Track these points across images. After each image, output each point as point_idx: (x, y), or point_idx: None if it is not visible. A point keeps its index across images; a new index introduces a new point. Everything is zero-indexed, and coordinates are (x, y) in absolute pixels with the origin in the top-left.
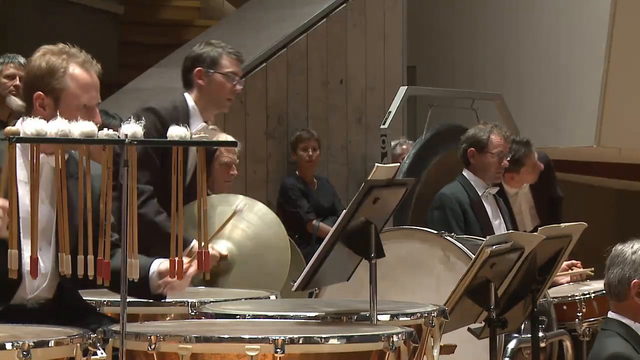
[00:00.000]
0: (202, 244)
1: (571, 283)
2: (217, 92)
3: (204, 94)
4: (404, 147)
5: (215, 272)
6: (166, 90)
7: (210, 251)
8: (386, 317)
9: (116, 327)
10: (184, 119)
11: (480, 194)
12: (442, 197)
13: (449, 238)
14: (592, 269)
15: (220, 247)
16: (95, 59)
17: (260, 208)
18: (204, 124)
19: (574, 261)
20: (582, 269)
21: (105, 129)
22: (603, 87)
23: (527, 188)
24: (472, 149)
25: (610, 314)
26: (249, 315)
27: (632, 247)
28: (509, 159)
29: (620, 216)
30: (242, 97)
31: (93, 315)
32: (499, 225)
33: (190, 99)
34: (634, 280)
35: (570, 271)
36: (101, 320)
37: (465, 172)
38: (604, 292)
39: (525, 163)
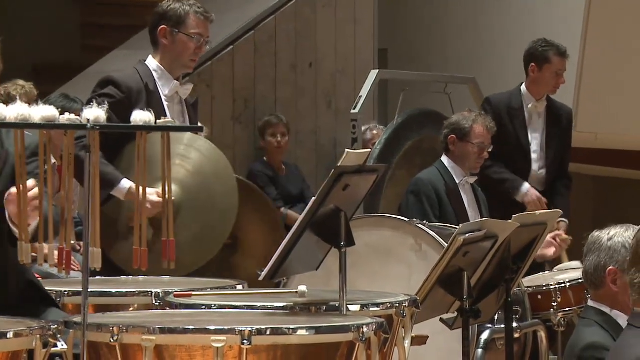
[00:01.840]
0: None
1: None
2: (180, 53)
3: (167, 53)
4: (375, 132)
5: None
6: None
7: (154, 198)
8: (356, 308)
9: (77, 318)
10: (149, 80)
11: (457, 182)
12: (418, 181)
13: (420, 226)
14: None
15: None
16: (55, 41)
17: (202, 144)
18: (175, 82)
19: (556, 232)
20: (566, 236)
21: (67, 114)
22: (579, 70)
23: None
24: (453, 135)
25: (590, 302)
26: (215, 305)
27: (608, 233)
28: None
29: (597, 203)
30: (208, 80)
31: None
32: (474, 216)
33: (152, 60)
34: (610, 267)
35: (553, 242)
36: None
37: (444, 158)
38: (580, 280)
39: (552, 61)
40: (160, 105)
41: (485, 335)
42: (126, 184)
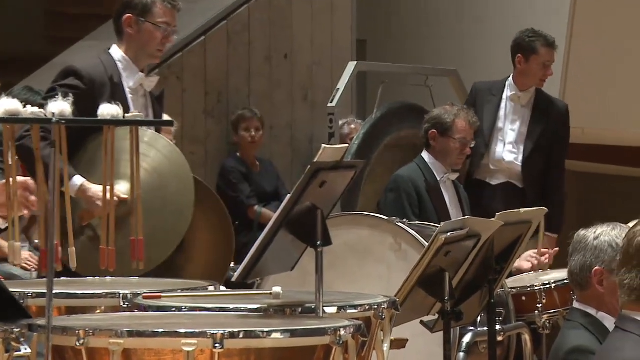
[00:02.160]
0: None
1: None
2: (146, 43)
3: (133, 43)
4: (353, 126)
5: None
6: None
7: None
8: (333, 310)
9: (42, 321)
10: (113, 72)
11: (438, 179)
12: (397, 178)
13: (400, 224)
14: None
15: (120, 189)
16: (19, 31)
17: (165, 145)
18: (141, 74)
19: (542, 250)
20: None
21: (30, 107)
22: (565, 63)
23: None
24: (434, 130)
25: (575, 304)
26: (185, 307)
27: (594, 232)
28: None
29: (583, 200)
30: (178, 72)
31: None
32: (456, 214)
33: (117, 50)
34: (595, 268)
35: (531, 260)
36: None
37: (424, 154)
38: (566, 281)
39: (539, 52)
40: (124, 98)
41: (467, 338)
42: (77, 180)
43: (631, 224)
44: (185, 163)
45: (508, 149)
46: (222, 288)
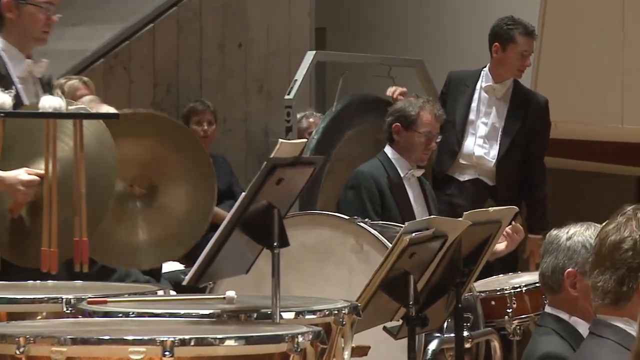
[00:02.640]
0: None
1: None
2: (29, 27)
3: (14, 28)
4: (311, 120)
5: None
6: None
7: (26, 177)
8: (290, 315)
9: None
10: None
11: (402, 175)
12: (358, 175)
13: (362, 224)
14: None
15: (40, 167)
16: None
17: (99, 127)
18: (28, 60)
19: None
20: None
21: None
22: (537, 55)
23: None
24: (397, 124)
25: (547, 308)
26: (133, 313)
27: (567, 232)
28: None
29: (555, 199)
30: (125, 62)
31: None
32: (421, 213)
33: None
34: (568, 270)
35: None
36: None
37: (387, 149)
38: (537, 285)
39: (517, 41)
40: (14, 90)
41: (433, 345)
42: None
43: None
44: (112, 144)
45: (479, 143)
46: (172, 292)
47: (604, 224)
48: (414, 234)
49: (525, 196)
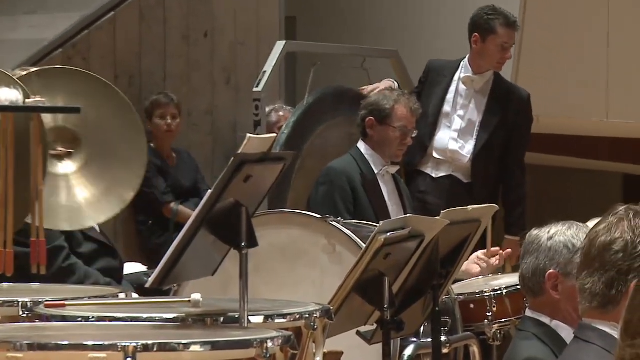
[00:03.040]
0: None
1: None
2: None
3: None
4: (281, 113)
5: None
6: None
7: None
8: (259, 319)
9: None
10: None
11: (376, 172)
12: (329, 171)
13: (334, 223)
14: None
15: None
16: None
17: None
18: None
19: (493, 250)
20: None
21: None
22: (518, 46)
23: None
24: (371, 118)
25: (527, 312)
26: (93, 317)
27: (548, 232)
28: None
29: (536, 196)
30: (85, 52)
31: None
32: (396, 211)
33: None
34: (549, 271)
35: (479, 262)
36: None
37: (360, 145)
38: (519, 287)
39: (497, 32)
40: None
41: (409, 351)
42: None
43: (590, 223)
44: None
45: (453, 137)
46: (135, 295)
47: (590, 224)
48: (389, 234)
49: (503, 195)
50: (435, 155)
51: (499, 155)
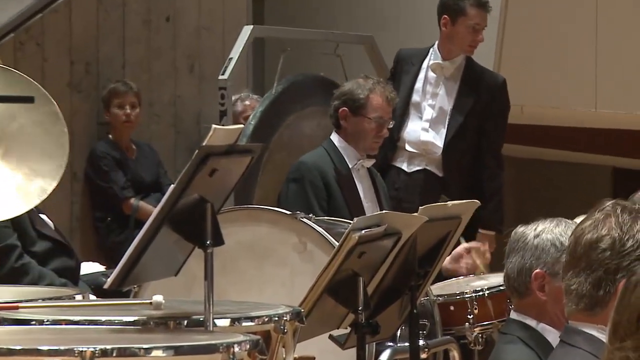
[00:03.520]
0: None
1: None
2: None
3: None
4: (247, 103)
5: None
6: None
7: None
8: (225, 322)
9: None
10: None
11: (350, 166)
12: (300, 166)
13: (306, 220)
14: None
15: None
16: None
17: None
18: None
19: (472, 244)
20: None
21: None
22: (500, 32)
23: None
24: (345, 108)
25: (512, 314)
26: (48, 320)
27: (535, 229)
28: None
29: (521, 192)
30: (38, 37)
31: None
32: (372, 208)
33: None
34: (536, 271)
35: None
36: None
37: (333, 137)
38: (501, 288)
39: (468, 13)
40: None
41: (385, 356)
42: None
43: (578, 220)
44: None
45: (424, 127)
46: (92, 297)
47: (579, 220)
48: (363, 231)
49: (477, 187)
50: (407, 148)
51: (473, 145)
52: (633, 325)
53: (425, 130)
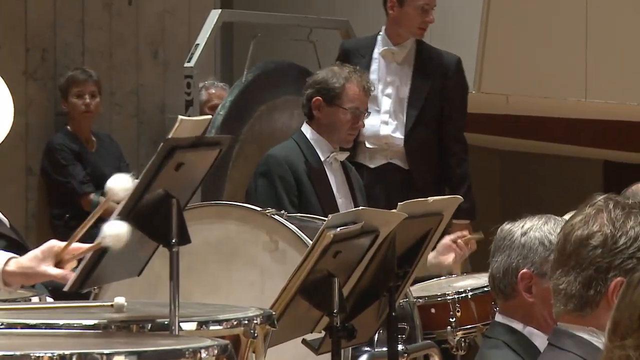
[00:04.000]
0: None
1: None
2: None
3: None
4: (213, 91)
5: None
6: None
7: None
8: (192, 326)
9: None
10: None
11: (322, 159)
12: (269, 159)
13: (277, 217)
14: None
15: None
16: None
17: None
18: None
19: (458, 233)
20: (470, 236)
21: None
22: (484, 18)
23: None
24: (318, 98)
25: (497, 317)
26: (2, 324)
27: (522, 226)
28: None
29: (507, 186)
30: None
31: None
32: (346, 204)
33: None
34: (523, 270)
35: (453, 246)
36: None
37: (305, 128)
38: (486, 289)
39: None
40: None
41: None
42: None
43: (568, 216)
44: None
45: (384, 120)
46: (49, 299)
47: (568, 216)
48: (338, 229)
49: (444, 175)
50: (367, 145)
51: (434, 132)
52: (635, 323)
53: (384, 123)
